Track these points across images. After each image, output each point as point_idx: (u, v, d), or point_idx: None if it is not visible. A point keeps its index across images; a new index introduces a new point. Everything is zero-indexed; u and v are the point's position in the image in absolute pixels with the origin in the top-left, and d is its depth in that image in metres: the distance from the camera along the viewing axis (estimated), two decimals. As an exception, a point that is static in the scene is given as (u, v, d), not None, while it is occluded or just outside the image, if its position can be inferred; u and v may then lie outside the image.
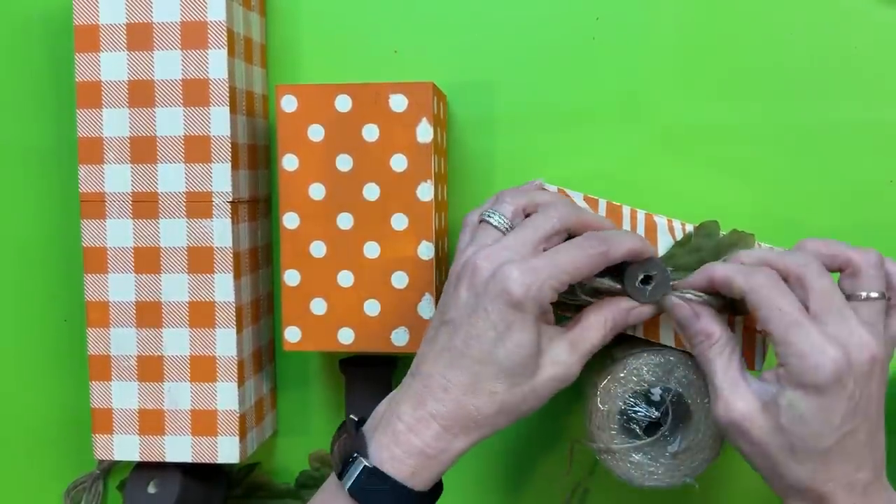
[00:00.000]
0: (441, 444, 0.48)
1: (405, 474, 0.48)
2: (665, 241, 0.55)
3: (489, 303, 0.47)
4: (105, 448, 0.63)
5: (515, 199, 0.52)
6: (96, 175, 0.61)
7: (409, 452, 0.48)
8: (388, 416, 0.49)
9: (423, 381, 0.49)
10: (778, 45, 0.63)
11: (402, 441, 0.48)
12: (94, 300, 0.62)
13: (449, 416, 0.48)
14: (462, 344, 0.48)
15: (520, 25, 0.65)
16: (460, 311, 0.49)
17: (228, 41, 0.59)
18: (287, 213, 0.60)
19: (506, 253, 0.48)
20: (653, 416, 0.55)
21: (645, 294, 0.52)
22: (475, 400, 0.48)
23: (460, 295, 0.49)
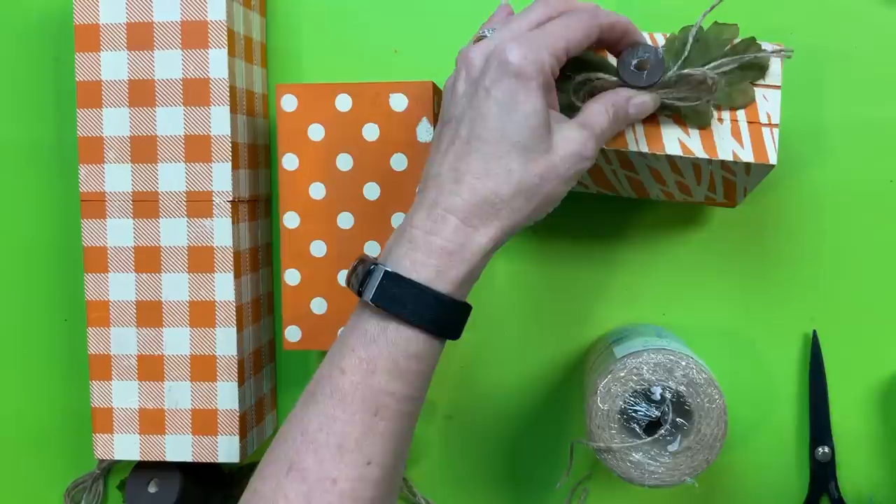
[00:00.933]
0: (461, 238, 0.46)
1: (429, 275, 0.45)
2: None
3: (489, 81, 0.46)
4: (105, 447, 0.63)
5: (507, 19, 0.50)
6: (96, 175, 0.61)
7: (428, 253, 0.45)
8: (402, 231, 0.47)
9: (433, 183, 0.47)
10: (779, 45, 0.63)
11: (421, 244, 0.46)
12: (94, 300, 0.62)
13: (465, 206, 0.46)
14: (468, 131, 0.46)
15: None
16: (460, 104, 0.47)
17: (229, 41, 0.59)
18: (287, 212, 0.60)
19: (496, 40, 0.47)
20: (653, 415, 0.55)
21: (642, 78, 0.50)
22: (490, 182, 0.45)
23: (457, 90, 0.47)
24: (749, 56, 0.52)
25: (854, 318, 0.64)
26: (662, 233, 0.65)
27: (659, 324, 0.66)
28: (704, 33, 0.52)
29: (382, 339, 0.46)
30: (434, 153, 0.48)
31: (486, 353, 0.67)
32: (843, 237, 0.64)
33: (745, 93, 0.53)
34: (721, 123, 0.53)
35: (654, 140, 0.53)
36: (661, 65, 0.50)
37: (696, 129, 0.53)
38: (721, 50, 0.52)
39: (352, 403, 0.45)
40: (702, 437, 0.55)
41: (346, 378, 0.46)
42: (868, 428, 0.65)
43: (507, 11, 0.53)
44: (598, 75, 0.51)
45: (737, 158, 0.52)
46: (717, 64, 0.52)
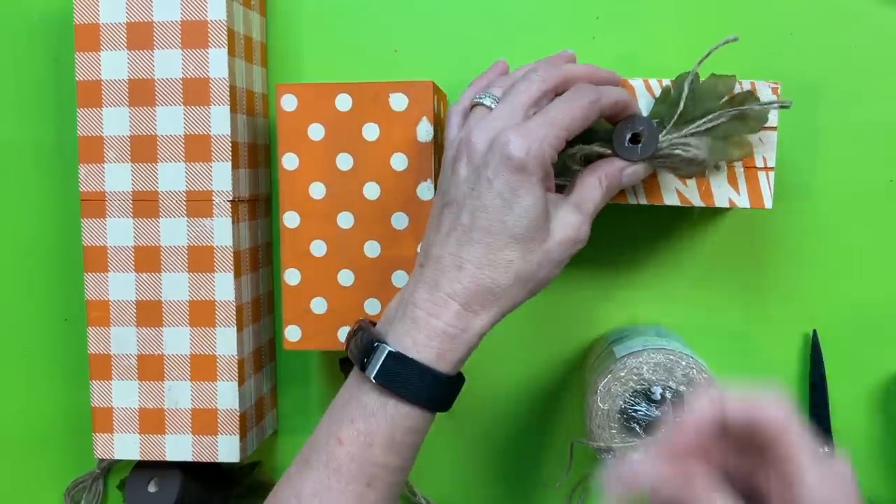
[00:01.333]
0: (462, 323, 0.48)
1: (431, 357, 0.47)
2: (646, 101, 0.55)
3: (491, 172, 0.47)
4: (105, 447, 0.63)
5: (503, 80, 0.51)
6: (96, 174, 0.61)
7: (431, 335, 0.47)
8: (404, 308, 0.48)
9: (433, 265, 0.48)
10: (778, 45, 0.63)
11: (423, 326, 0.47)
12: (94, 299, 0.62)
13: (466, 293, 0.47)
14: (469, 219, 0.47)
15: (520, 24, 0.65)
16: (461, 189, 0.48)
17: (229, 40, 0.59)
18: (287, 212, 0.60)
19: (498, 123, 0.48)
20: (653, 415, 0.55)
21: (636, 152, 0.52)
22: (491, 272, 0.47)
23: (459, 173, 0.48)
24: (745, 108, 0.53)
25: (854, 318, 0.64)
26: (662, 233, 0.65)
27: (659, 324, 0.66)
28: (700, 84, 0.53)
29: (381, 413, 0.47)
30: (434, 233, 0.49)
31: (486, 353, 0.67)
32: (843, 237, 0.64)
33: (741, 146, 0.54)
34: (717, 170, 0.55)
35: (653, 192, 0.55)
36: (655, 137, 0.52)
37: (692, 180, 0.55)
38: (717, 102, 0.53)
39: (347, 473, 0.47)
40: (702, 436, 0.55)
41: (344, 449, 0.47)
42: (868, 428, 0.65)
43: (502, 69, 0.55)
44: (592, 148, 0.52)
45: (733, 205, 0.55)
46: (714, 117, 0.53)
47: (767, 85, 0.54)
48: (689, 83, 0.52)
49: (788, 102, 0.53)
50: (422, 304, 0.48)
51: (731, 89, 0.54)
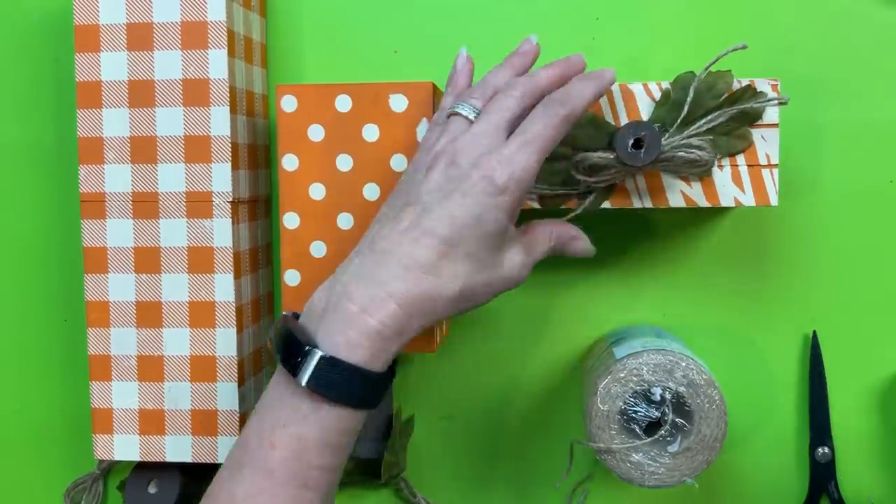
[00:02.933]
0: (397, 325, 0.46)
1: (364, 358, 0.46)
2: (645, 105, 0.55)
3: (470, 188, 0.47)
4: (105, 448, 0.63)
5: (481, 90, 0.51)
6: (96, 175, 0.61)
7: (364, 334, 0.46)
8: (337, 299, 0.47)
9: (380, 257, 0.47)
10: (778, 46, 0.63)
11: (357, 323, 0.46)
12: (94, 300, 0.62)
13: (408, 295, 0.46)
14: (434, 223, 0.47)
15: (520, 25, 0.65)
16: (433, 195, 0.48)
17: (228, 41, 0.59)
18: (287, 213, 0.60)
19: (482, 141, 0.48)
20: (653, 416, 0.55)
21: (640, 158, 0.52)
22: (437, 280, 0.47)
23: (432, 178, 0.48)
24: (745, 106, 0.53)
25: (854, 318, 0.64)
26: (662, 233, 0.65)
27: (659, 324, 0.66)
28: (698, 85, 0.53)
29: (314, 417, 0.47)
30: (389, 227, 0.49)
31: (486, 353, 0.67)
32: (843, 237, 0.64)
33: (743, 138, 0.54)
34: (721, 170, 0.55)
35: (658, 195, 0.55)
36: (658, 142, 0.52)
37: (697, 181, 0.55)
38: (716, 101, 0.54)
39: (281, 476, 0.47)
40: (702, 437, 0.55)
41: (277, 452, 0.47)
42: (868, 428, 0.65)
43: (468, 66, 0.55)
44: (596, 156, 0.53)
45: (738, 204, 0.55)
46: (715, 116, 0.53)
47: (767, 82, 0.54)
48: (694, 88, 0.53)
49: (786, 98, 0.54)
50: (357, 298, 0.46)
51: (729, 86, 0.54)
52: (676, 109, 0.54)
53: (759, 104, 0.53)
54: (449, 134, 0.50)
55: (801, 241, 0.64)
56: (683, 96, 0.54)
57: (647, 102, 0.55)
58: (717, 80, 0.54)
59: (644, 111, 0.55)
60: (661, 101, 0.54)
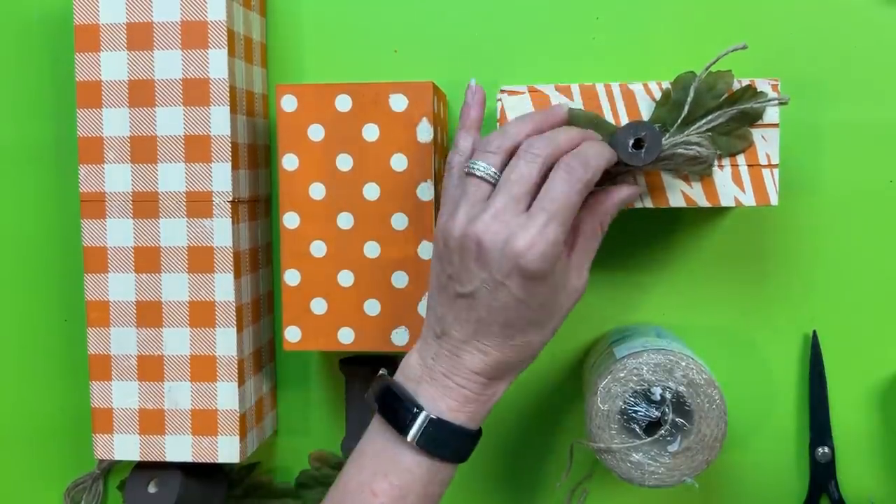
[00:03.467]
0: (489, 391, 0.52)
1: (465, 419, 0.51)
2: (646, 105, 0.55)
3: (506, 279, 0.48)
4: (105, 448, 0.63)
5: (499, 143, 0.51)
6: (96, 175, 0.61)
7: (462, 402, 0.51)
8: (430, 372, 0.51)
9: (454, 343, 0.51)
10: (778, 46, 0.63)
11: (455, 394, 0.50)
12: (94, 300, 0.62)
13: (491, 370, 0.51)
14: (487, 315, 0.50)
15: (520, 25, 0.65)
16: (476, 286, 0.49)
17: (229, 41, 0.59)
18: (287, 212, 0.60)
19: (505, 220, 0.48)
20: (653, 415, 0.55)
21: (640, 158, 0.52)
22: (512, 353, 0.51)
23: (471, 270, 0.49)
24: (746, 106, 0.53)
25: (854, 318, 0.64)
26: (662, 233, 0.65)
27: (659, 324, 0.66)
28: (698, 85, 0.53)
29: (418, 471, 0.51)
30: (452, 315, 0.51)
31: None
32: (843, 237, 0.64)
33: (743, 138, 0.54)
34: (721, 170, 0.55)
35: (658, 195, 0.55)
36: (658, 141, 0.52)
37: (698, 181, 0.55)
38: (717, 101, 0.54)
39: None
40: (702, 437, 0.55)
41: (378, 500, 0.50)
42: (868, 428, 0.65)
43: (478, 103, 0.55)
44: None
45: (739, 204, 0.55)
46: (715, 116, 0.53)
47: (767, 82, 0.54)
48: (694, 88, 0.53)
49: (786, 98, 0.54)
50: (449, 374, 0.51)
51: (730, 87, 0.54)
52: (677, 109, 0.54)
53: (759, 104, 0.53)
54: (467, 203, 0.50)
55: (801, 241, 0.64)
56: (684, 96, 0.53)
57: (648, 102, 0.55)
58: (718, 80, 0.54)
59: (644, 111, 0.55)
60: (662, 101, 0.54)
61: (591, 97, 0.55)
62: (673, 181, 0.55)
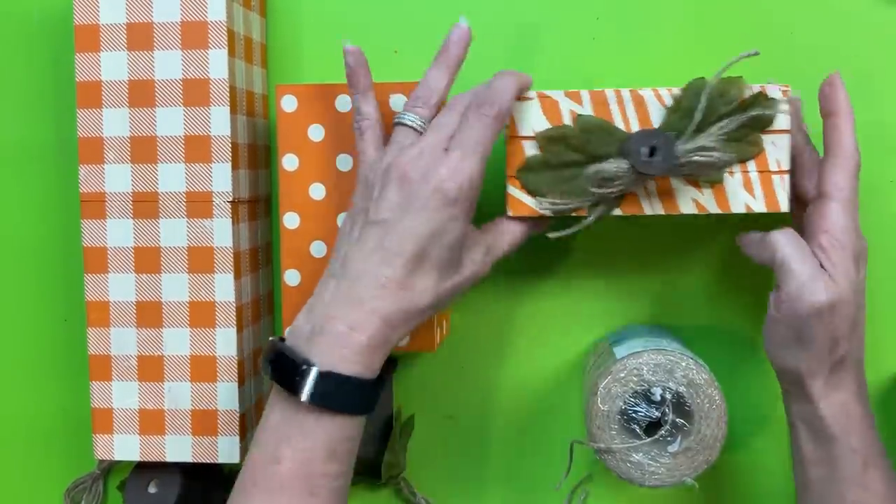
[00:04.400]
0: (383, 336, 0.50)
1: (359, 369, 0.49)
2: (656, 111, 0.54)
3: (424, 203, 0.50)
4: (105, 448, 0.63)
5: (424, 97, 0.54)
6: (96, 175, 0.61)
7: (356, 350, 0.49)
8: (322, 322, 0.50)
9: (354, 281, 0.51)
10: (778, 45, 0.63)
11: (347, 341, 0.49)
12: (94, 300, 0.62)
13: (388, 310, 0.50)
14: (397, 244, 0.50)
15: (520, 25, 0.65)
16: (394, 212, 0.51)
17: (229, 41, 0.59)
18: (287, 212, 0.60)
19: (428, 156, 0.51)
20: (653, 416, 0.55)
21: (655, 167, 0.52)
22: (411, 294, 0.50)
23: (388, 197, 0.51)
24: (757, 112, 0.53)
25: (854, 318, 0.64)
26: (662, 232, 0.65)
27: (659, 324, 0.66)
28: (710, 91, 0.53)
29: (318, 430, 0.50)
30: (356, 248, 0.52)
31: (486, 352, 0.67)
32: (844, 237, 0.64)
33: (754, 144, 0.54)
34: (732, 176, 0.54)
35: (669, 201, 0.55)
36: (672, 148, 0.52)
37: (708, 186, 0.55)
38: (729, 107, 0.53)
39: (290, 488, 0.49)
40: (702, 437, 0.55)
41: (284, 467, 0.49)
42: (868, 428, 0.65)
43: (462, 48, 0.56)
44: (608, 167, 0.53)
45: (749, 210, 0.55)
46: (727, 123, 0.53)
47: (778, 88, 0.54)
48: (706, 96, 0.52)
49: (797, 100, 0.54)
50: (342, 317, 0.50)
51: (742, 93, 0.53)
52: (688, 116, 0.53)
53: (771, 111, 0.53)
54: (396, 144, 0.53)
55: (802, 241, 0.64)
56: (696, 103, 0.53)
57: (658, 108, 0.54)
58: (730, 86, 0.53)
59: (655, 117, 0.54)
60: (673, 108, 0.54)
61: (600, 103, 0.54)
62: (684, 188, 0.55)
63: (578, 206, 0.55)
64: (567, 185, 0.55)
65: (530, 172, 0.55)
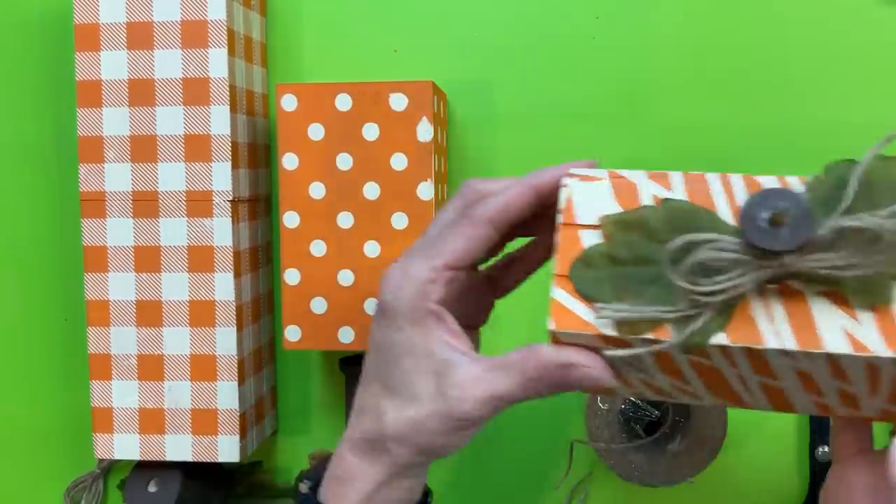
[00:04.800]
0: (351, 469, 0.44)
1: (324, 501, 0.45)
2: None
3: (374, 319, 0.43)
4: (105, 447, 0.63)
5: None
6: (96, 174, 0.61)
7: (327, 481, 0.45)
8: None
9: None
10: (778, 45, 0.63)
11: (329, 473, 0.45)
12: (94, 299, 0.62)
13: (353, 438, 0.44)
14: (366, 368, 0.44)
15: (520, 24, 0.65)
16: None
17: (229, 40, 0.59)
18: (287, 212, 0.60)
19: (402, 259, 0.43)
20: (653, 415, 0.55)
21: (780, 239, 0.34)
22: (371, 420, 0.43)
23: None
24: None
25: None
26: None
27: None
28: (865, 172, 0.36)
29: None
30: None
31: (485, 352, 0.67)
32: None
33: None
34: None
35: (805, 331, 0.35)
36: (808, 216, 0.34)
37: (868, 311, 0.35)
38: (893, 193, 0.36)
39: None
40: (702, 437, 0.55)
41: None
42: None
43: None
44: (708, 238, 0.35)
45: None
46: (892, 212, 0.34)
47: None
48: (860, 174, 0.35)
49: None
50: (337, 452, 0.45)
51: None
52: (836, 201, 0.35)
53: None
54: None
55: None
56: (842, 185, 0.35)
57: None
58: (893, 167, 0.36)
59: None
60: (810, 194, 0.36)
61: (700, 192, 0.38)
62: (827, 309, 0.35)
63: (657, 317, 0.36)
64: (641, 288, 0.37)
65: (589, 269, 0.38)
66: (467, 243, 0.41)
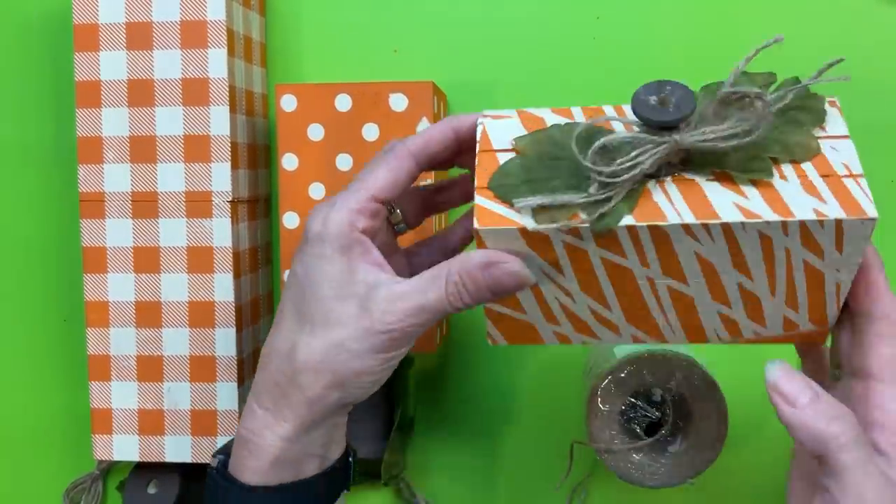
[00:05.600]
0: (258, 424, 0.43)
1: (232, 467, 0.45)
2: None
3: (296, 253, 0.44)
4: (105, 448, 0.63)
5: None
6: (96, 175, 0.61)
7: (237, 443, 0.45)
8: None
9: None
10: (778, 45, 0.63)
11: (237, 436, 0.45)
12: (93, 300, 0.62)
13: (258, 386, 0.44)
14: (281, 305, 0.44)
15: (520, 24, 0.65)
16: None
17: (228, 40, 0.59)
18: (287, 212, 0.60)
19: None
20: (653, 416, 0.55)
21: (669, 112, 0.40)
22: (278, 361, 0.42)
23: None
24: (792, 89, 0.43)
25: (854, 318, 0.64)
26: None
27: (659, 324, 0.66)
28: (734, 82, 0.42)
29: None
30: None
31: (486, 352, 0.67)
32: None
33: (805, 146, 0.42)
34: (786, 181, 0.41)
35: (702, 208, 0.39)
36: (689, 96, 0.40)
37: (753, 188, 0.40)
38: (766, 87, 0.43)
39: None
40: (702, 437, 0.55)
41: None
42: (868, 428, 0.65)
43: None
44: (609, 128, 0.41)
45: (822, 216, 0.39)
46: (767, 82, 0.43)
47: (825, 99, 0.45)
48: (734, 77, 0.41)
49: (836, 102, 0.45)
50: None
51: (771, 82, 0.45)
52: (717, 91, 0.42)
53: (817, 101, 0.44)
54: None
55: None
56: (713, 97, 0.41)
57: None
58: (756, 80, 0.43)
59: None
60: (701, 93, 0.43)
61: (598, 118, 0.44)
62: (719, 190, 0.40)
63: (569, 201, 0.39)
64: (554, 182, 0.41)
65: (507, 177, 0.41)
66: (390, 174, 0.44)
